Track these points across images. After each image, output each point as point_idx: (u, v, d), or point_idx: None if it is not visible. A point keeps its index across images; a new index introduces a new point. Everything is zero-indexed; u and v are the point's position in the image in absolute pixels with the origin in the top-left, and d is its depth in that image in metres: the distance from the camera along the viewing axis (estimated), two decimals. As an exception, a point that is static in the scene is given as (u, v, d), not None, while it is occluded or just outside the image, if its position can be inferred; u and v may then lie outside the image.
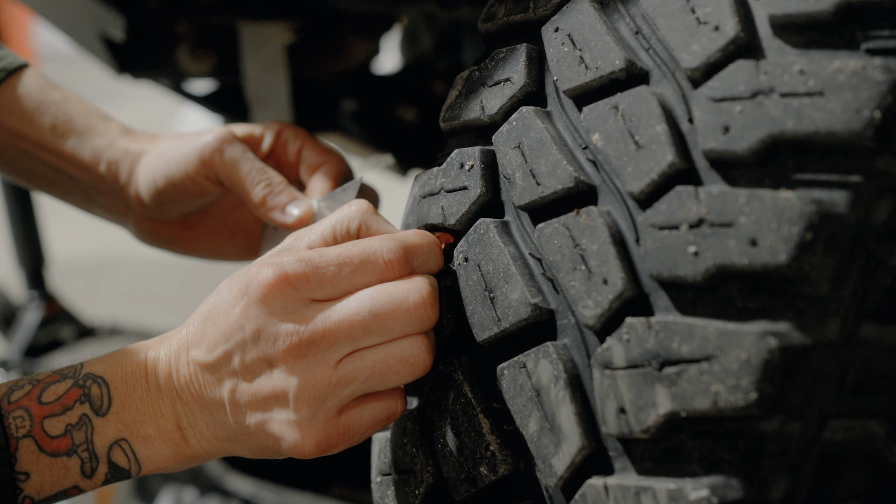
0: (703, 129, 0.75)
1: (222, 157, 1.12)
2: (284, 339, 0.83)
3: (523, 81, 0.87)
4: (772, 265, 0.71)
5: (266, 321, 0.83)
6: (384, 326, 0.83)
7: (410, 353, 0.84)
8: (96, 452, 0.87)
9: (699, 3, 0.78)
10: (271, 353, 0.83)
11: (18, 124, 1.17)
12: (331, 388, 0.83)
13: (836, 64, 0.72)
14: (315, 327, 0.83)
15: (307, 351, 0.83)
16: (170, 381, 0.87)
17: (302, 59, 1.82)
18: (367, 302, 0.83)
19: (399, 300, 0.83)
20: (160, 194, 1.15)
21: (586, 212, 0.80)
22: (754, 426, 0.72)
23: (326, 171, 1.13)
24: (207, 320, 0.87)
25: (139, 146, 1.18)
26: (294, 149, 1.16)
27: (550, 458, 0.80)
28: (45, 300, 2.33)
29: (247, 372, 0.85)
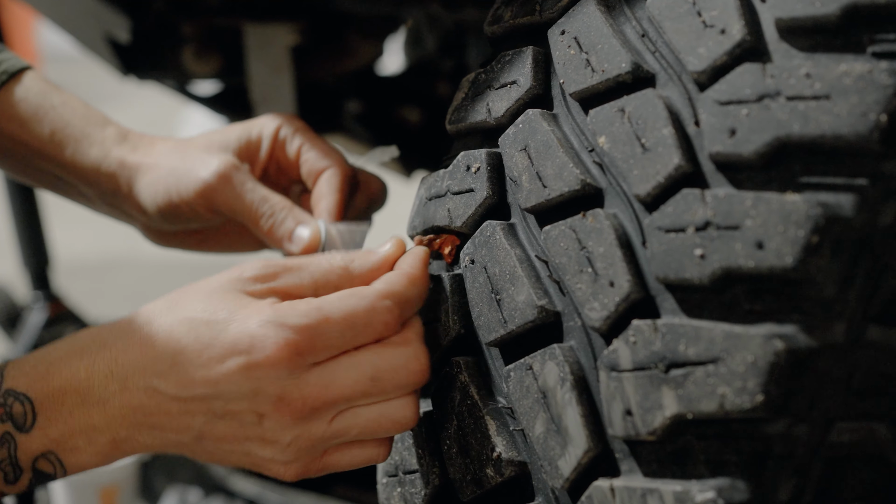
0: (710, 132, 0.75)
1: (223, 194, 1.08)
2: (284, 402, 0.82)
3: (529, 84, 0.87)
4: (778, 268, 0.71)
5: (266, 384, 0.82)
6: (382, 390, 0.84)
7: (402, 415, 0.86)
8: (20, 465, 0.84)
9: (705, 7, 0.78)
10: (266, 410, 0.82)
11: (18, 131, 1.14)
12: (322, 440, 0.85)
13: (842, 67, 0.72)
14: (317, 393, 0.83)
15: (305, 413, 0.83)
16: (114, 400, 0.84)
17: (307, 61, 1.82)
18: (368, 370, 0.84)
19: (398, 367, 0.85)
20: (163, 215, 1.13)
21: (593, 214, 0.80)
22: (760, 428, 0.72)
23: (331, 180, 1.09)
24: (180, 355, 0.83)
25: (136, 158, 1.14)
26: (293, 148, 1.12)
27: (557, 460, 0.80)
28: (50, 301, 2.33)
29: (230, 416, 0.83)
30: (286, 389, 0.82)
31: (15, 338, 2.30)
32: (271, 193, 1.09)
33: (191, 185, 1.09)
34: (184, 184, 1.10)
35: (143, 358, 0.84)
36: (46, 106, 1.15)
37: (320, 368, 0.83)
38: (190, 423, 0.84)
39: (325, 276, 0.87)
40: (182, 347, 0.83)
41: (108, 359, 0.84)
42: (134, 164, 1.14)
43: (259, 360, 0.81)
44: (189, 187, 1.09)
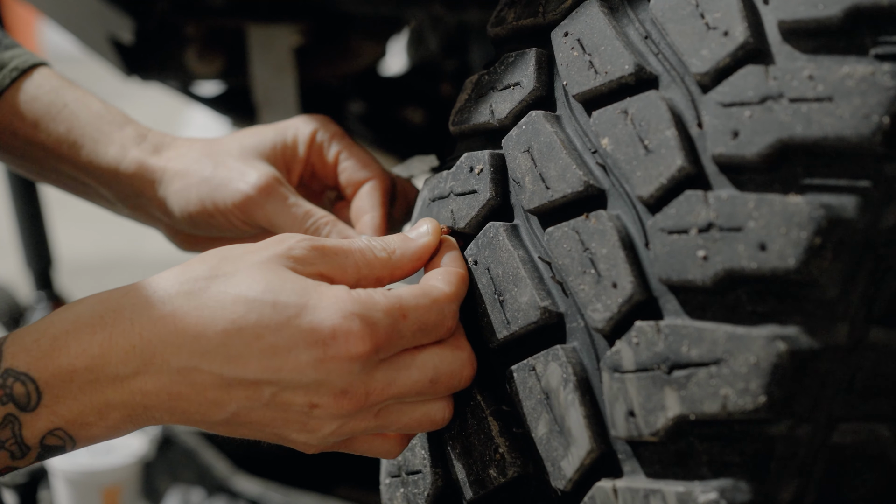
0: (713, 134, 0.76)
1: (264, 208, 1.03)
2: (346, 396, 0.79)
3: (533, 86, 0.88)
4: (781, 269, 0.72)
5: (335, 377, 0.79)
6: (436, 392, 0.84)
7: (442, 416, 0.86)
8: (27, 443, 0.78)
9: (708, 9, 0.78)
10: (324, 401, 0.79)
11: (32, 130, 1.10)
12: (363, 429, 0.84)
13: (845, 69, 0.72)
14: (381, 389, 0.81)
15: (362, 407, 0.81)
16: (134, 380, 0.77)
17: (309, 61, 1.82)
18: (430, 372, 0.83)
19: (455, 371, 0.84)
20: (195, 222, 1.07)
21: (596, 216, 0.80)
22: (763, 429, 0.73)
23: (372, 194, 1.06)
24: (234, 337, 0.77)
25: (159, 162, 1.09)
26: (332, 154, 1.08)
27: (560, 461, 0.80)
28: (53, 301, 2.33)
29: (276, 404, 0.79)
30: (353, 384, 0.79)
31: (18, 338, 2.30)
32: (314, 208, 1.05)
33: (228, 197, 1.04)
34: (220, 195, 1.05)
35: (179, 335, 0.77)
36: (59, 104, 1.10)
37: (386, 365, 0.81)
38: (225, 407, 0.79)
39: (369, 264, 0.85)
40: (238, 328, 0.77)
41: (128, 332, 0.77)
42: (158, 168, 1.09)
43: (338, 353, 0.78)
44: (227, 199, 1.04)
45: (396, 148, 2.08)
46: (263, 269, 0.80)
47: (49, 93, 1.10)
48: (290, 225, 1.03)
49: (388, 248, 0.87)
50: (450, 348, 0.84)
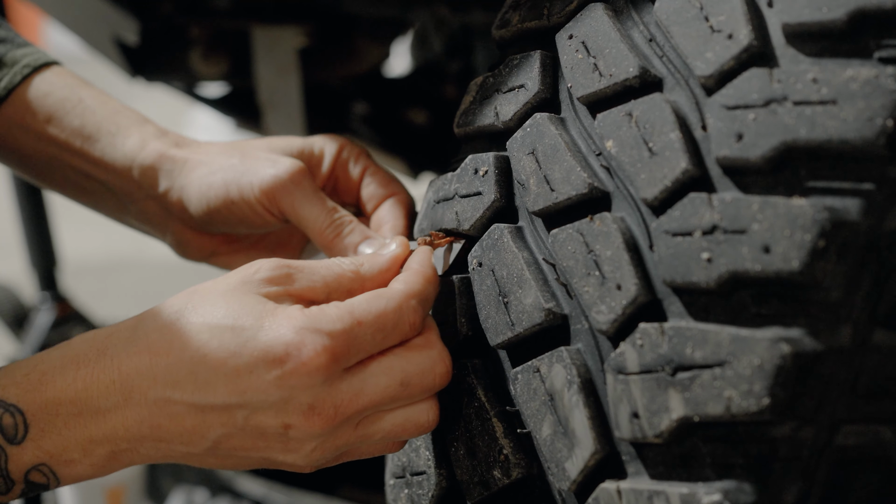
0: (717, 137, 0.76)
1: (292, 196, 1.03)
2: (315, 411, 0.80)
3: (537, 88, 0.88)
4: (785, 272, 0.72)
5: (298, 393, 0.79)
6: (411, 395, 0.84)
7: (425, 418, 0.85)
8: (11, 477, 0.80)
9: (713, 12, 0.79)
10: (294, 420, 0.80)
11: (44, 126, 1.09)
12: (346, 444, 0.84)
13: (848, 72, 0.72)
14: (349, 400, 0.81)
15: (336, 421, 0.81)
16: (116, 412, 0.80)
17: (314, 63, 1.82)
18: (398, 375, 0.82)
19: (426, 370, 0.84)
20: (212, 213, 1.06)
21: (600, 218, 0.80)
22: (767, 431, 0.73)
23: (395, 206, 1.05)
24: (200, 364, 0.79)
25: (182, 153, 1.08)
26: (356, 171, 1.08)
27: (564, 462, 0.80)
28: (58, 301, 2.33)
29: (253, 428, 0.80)
30: (318, 398, 0.80)
31: (23, 338, 2.30)
32: (339, 207, 1.05)
33: (257, 181, 1.03)
34: (247, 179, 1.04)
35: (154, 367, 0.80)
36: (74, 99, 1.10)
37: (352, 375, 0.81)
38: (205, 435, 0.81)
39: (338, 279, 0.85)
40: (203, 355, 0.79)
41: (109, 368, 0.80)
42: (179, 158, 1.08)
43: (295, 368, 0.79)
44: (254, 183, 1.03)
45: (400, 149, 2.09)
46: (227, 296, 0.82)
47: (63, 88, 1.11)
48: (316, 216, 1.03)
49: (357, 261, 0.88)
50: (417, 348, 0.84)
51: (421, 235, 0.95)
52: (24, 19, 4.48)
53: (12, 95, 1.10)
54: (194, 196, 1.07)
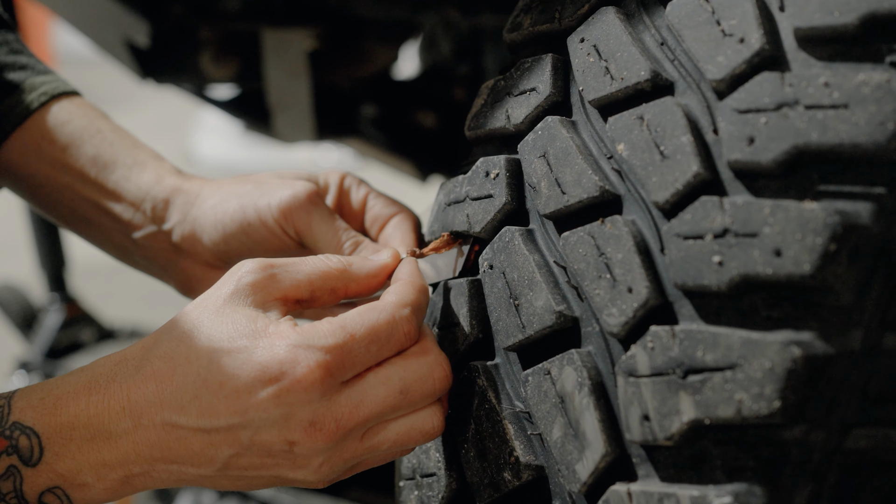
0: (728, 140, 0.76)
1: (309, 215, 1.04)
2: (316, 427, 0.81)
3: (549, 91, 0.88)
4: (796, 275, 0.72)
5: (297, 409, 0.80)
6: (411, 402, 0.84)
7: (431, 425, 0.86)
8: (26, 498, 0.82)
9: (724, 15, 0.79)
10: (297, 436, 0.81)
11: (59, 153, 1.10)
12: (354, 457, 0.85)
13: (860, 77, 0.72)
14: (349, 413, 0.82)
15: (338, 435, 0.82)
16: (127, 437, 0.82)
17: (323, 65, 1.83)
18: (397, 384, 0.83)
19: (425, 376, 0.84)
20: (228, 238, 1.07)
21: (611, 221, 0.80)
22: (777, 434, 0.73)
23: (401, 223, 1.06)
24: (202, 388, 0.81)
25: (195, 186, 1.10)
26: (358, 197, 1.09)
27: (574, 464, 0.81)
28: (66, 302, 2.34)
29: (259, 446, 0.82)
30: (318, 413, 0.81)
31: (32, 339, 2.31)
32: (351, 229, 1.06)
33: (274, 201, 1.04)
34: (264, 200, 1.04)
35: (160, 393, 0.82)
36: (93, 129, 1.12)
37: (350, 388, 0.82)
38: (214, 456, 0.82)
39: (322, 277, 0.86)
40: (204, 380, 0.81)
41: (119, 394, 0.82)
42: (193, 191, 1.09)
43: (291, 385, 0.80)
44: (272, 204, 1.04)
45: (408, 152, 2.09)
46: (222, 315, 0.83)
47: (83, 118, 1.12)
48: (331, 237, 1.04)
49: (346, 260, 0.88)
50: (414, 356, 0.85)
51: (432, 238, 0.96)
52: (35, 21, 4.49)
53: (28, 121, 1.11)
54: (208, 224, 1.08)
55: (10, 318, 2.35)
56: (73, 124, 1.11)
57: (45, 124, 1.11)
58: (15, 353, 2.46)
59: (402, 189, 2.61)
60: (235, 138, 5.52)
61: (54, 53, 6.73)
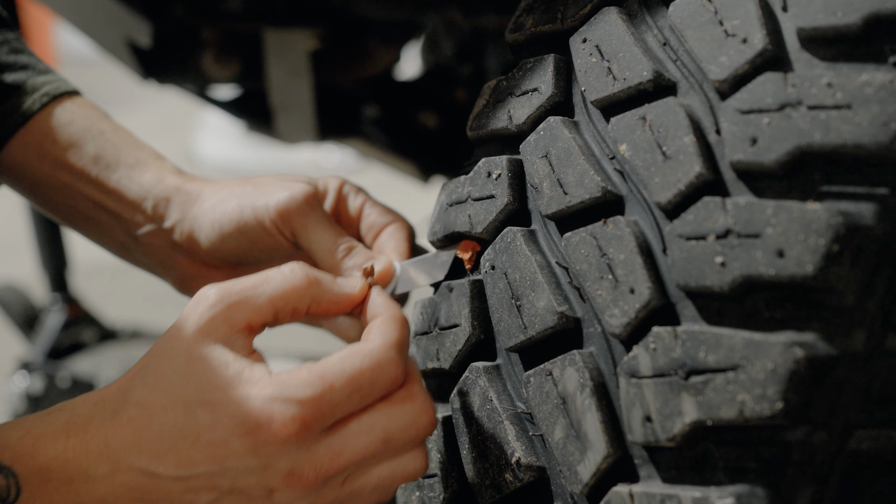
0: (731, 141, 0.76)
1: (306, 217, 1.04)
2: (295, 476, 0.80)
3: (551, 92, 0.88)
4: (799, 276, 0.72)
5: (275, 460, 0.80)
6: (394, 450, 0.83)
7: (413, 468, 0.84)
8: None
9: (727, 16, 0.79)
10: (276, 484, 0.80)
11: (61, 153, 1.11)
12: (337, 501, 0.83)
13: (863, 77, 0.72)
14: (329, 463, 0.81)
15: (318, 483, 0.81)
16: (105, 481, 0.81)
17: (325, 66, 1.83)
18: (379, 433, 0.82)
19: (409, 425, 0.82)
20: (225, 238, 1.07)
21: (613, 221, 0.80)
22: (780, 435, 0.73)
23: (395, 232, 1.07)
24: (179, 439, 0.80)
25: (196, 186, 1.11)
26: (355, 205, 1.10)
27: (576, 465, 0.80)
28: (68, 303, 2.34)
29: (238, 492, 0.81)
30: (296, 463, 0.80)
31: (34, 339, 2.31)
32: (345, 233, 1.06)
33: (272, 202, 1.05)
34: (262, 201, 1.05)
35: (138, 440, 0.81)
36: (95, 130, 1.12)
37: (330, 438, 0.81)
38: (193, 501, 0.81)
39: (284, 297, 0.84)
40: (180, 431, 0.80)
41: (97, 438, 0.81)
42: (194, 190, 1.10)
43: (267, 439, 0.79)
44: (270, 204, 1.05)
45: (410, 152, 2.09)
46: (191, 362, 0.82)
47: (85, 119, 1.13)
48: (327, 238, 1.04)
49: (314, 274, 0.86)
50: (398, 402, 0.82)
51: (434, 238, 0.96)
52: (37, 21, 4.49)
53: (31, 122, 1.12)
54: (206, 223, 1.08)
55: (11, 318, 2.35)
56: (75, 125, 1.12)
57: (48, 125, 1.11)
58: (16, 354, 2.46)
59: (404, 190, 2.61)
60: (237, 139, 5.52)
61: (56, 54, 6.74)
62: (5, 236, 4.52)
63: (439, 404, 0.93)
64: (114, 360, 2.23)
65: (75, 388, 2.15)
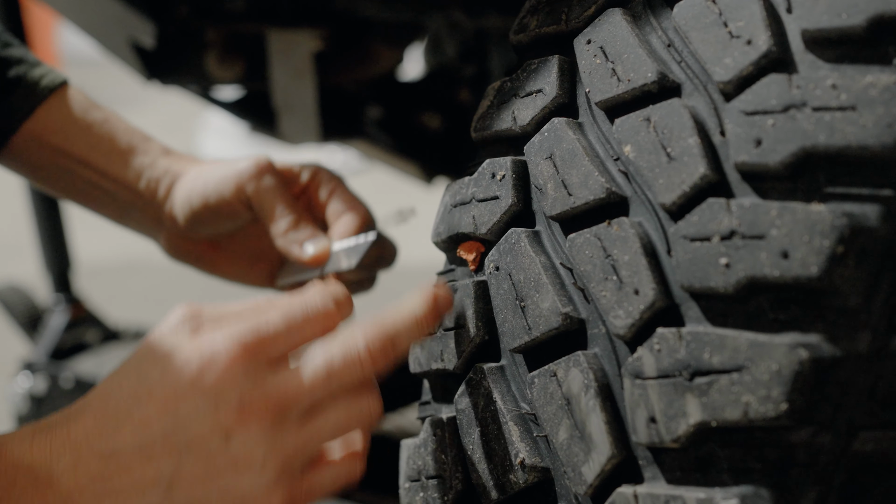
0: (735, 142, 0.76)
1: (258, 184, 1.14)
2: (246, 407, 0.82)
3: (555, 93, 0.88)
4: (803, 277, 0.72)
5: (225, 394, 0.82)
6: (342, 386, 0.85)
7: (368, 410, 0.87)
8: None
9: (731, 17, 0.79)
10: (230, 422, 0.82)
11: (61, 141, 1.19)
12: (297, 449, 0.84)
13: (868, 79, 0.72)
14: (276, 392, 0.83)
15: (272, 416, 0.82)
16: (67, 475, 0.81)
17: (329, 67, 1.83)
18: (321, 364, 0.84)
19: (350, 357, 0.85)
20: (193, 213, 1.17)
21: (618, 223, 0.80)
22: (784, 437, 0.73)
23: (349, 219, 1.16)
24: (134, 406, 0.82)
25: (179, 166, 1.20)
26: (325, 192, 1.18)
27: (580, 466, 0.81)
28: (71, 303, 2.34)
29: (194, 447, 0.82)
30: (245, 393, 0.82)
31: (37, 340, 2.31)
32: (298, 205, 1.15)
33: (229, 174, 1.15)
34: (222, 174, 1.15)
35: (97, 424, 0.82)
36: (89, 120, 1.20)
37: (274, 371, 0.84)
38: (156, 476, 0.82)
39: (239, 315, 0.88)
40: (134, 395, 0.82)
41: (61, 434, 0.82)
42: (178, 171, 1.20)
43: (214, 371, 0.82)
44: (227, 176, 1.15)
45: (414, 153, 2.09)
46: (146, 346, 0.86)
47: (80, 109, 1.21)
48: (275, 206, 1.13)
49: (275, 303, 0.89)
50: (339, 339, 0.86)
51: (438, 239, 0.96)
52: (40, 22, 4.49)
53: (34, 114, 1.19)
54: (180, 200, 1.18)
55: (14, 318, 2.35)
56: (73, 115, 1.20)
57: (49, 116, 1.19)
58: (19, 354, 2.46)
59: (407, 191, 2.61)
60: (240, 140, 5.53)
61: (59, 55, 6.74)
62: (8, 236, 4.53)
63: (443, 405, 0.93)
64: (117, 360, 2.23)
65: (78, 388, 2.15)
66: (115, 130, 1.21)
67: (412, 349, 0.95)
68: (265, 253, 1.24)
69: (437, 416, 0.92)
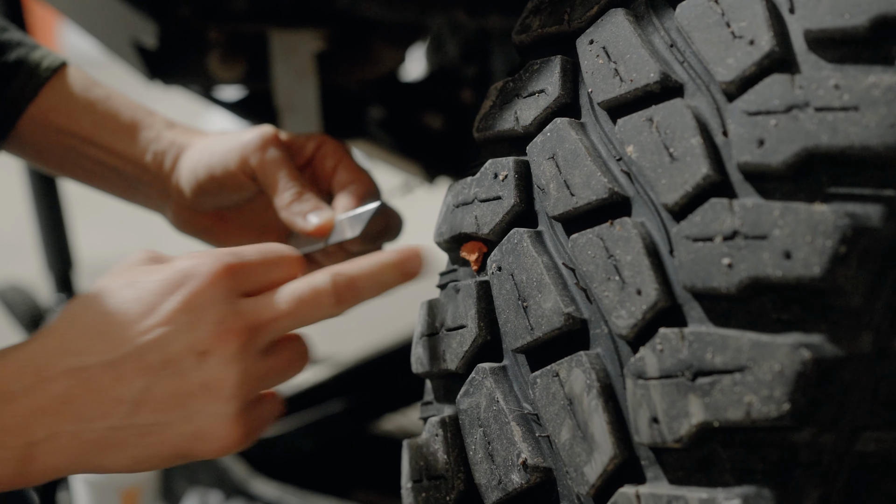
0: (738, 143, 0.76)
1: (262, 155, 1.13)
2: (223, 327, 0.83)
3: (558, 93, 0.88)
4: (806, 278, 0.72)
5: (204, 312, 0.82)
6: (306, 315, 0.87)
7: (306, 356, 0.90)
8: None
9: (734, 17, 0.79)
10: (206, 342, 0.82)
11: (65, 122, 1.19)
12: (260, 380, 0.86)
13: (871, 79, 0.72)
14: (252, 316, 0.85)
15: (245, 340, 0.84)
16: (27, 395, 0.79)
17: (331, 67, 1.83)
18: (291, 292, 0.87)
19: (318, 288, 0.87)
20: (199, 185, 1.16)
21: (620, 223, 0.80)
22: (787, 437, 0.73)
23: (353, 189, 1.15)
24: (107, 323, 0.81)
25: (185, 138, 1.20)
26: (331, 163, 1.17)
27: (583, 466, 0.81)
28: (73, 303, 2.34)
29: (168, 366, 0.81)
30: (223, 313, 0.83)
31: (38, 340, 2.31)
32: (302, 177, 1.15)
33: (234, 146, 1.14)
34: (227, 145, 1.15)
35: (63, 343, 0.81)
36: (92, 98, 1.20)
37: (251, 298, 0.86)
38: (123, 395, 0.80)
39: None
40: (108, 316, 0.81)
41: (19, 355, 0.81)
42: (183, 143, 1.19)
43: (196, 287, 0.83)
44: (232, 148, 1.14)
45: (416, 153, 2.09)
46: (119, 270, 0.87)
47: (82, 88, 1.21)
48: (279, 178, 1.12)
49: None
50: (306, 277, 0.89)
51: (441, 239, 0.96)
52: (41, 21, 4.49)
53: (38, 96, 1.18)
54: (186, 172, 1.17)
55: (16, 318, 2.35)
56: (75, 95, 1.20)
57: (53, 97, 1.19)
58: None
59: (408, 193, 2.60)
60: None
61: (63, 54, 6.73)
62: (10, 236, 4.53)
63: (446, 405, 0.93)
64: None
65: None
66: (119, 106, 1.21)
67: (414, 349, 0.95)
68: (273, 224, 1.23)
69: (439, 417, 0.92)
